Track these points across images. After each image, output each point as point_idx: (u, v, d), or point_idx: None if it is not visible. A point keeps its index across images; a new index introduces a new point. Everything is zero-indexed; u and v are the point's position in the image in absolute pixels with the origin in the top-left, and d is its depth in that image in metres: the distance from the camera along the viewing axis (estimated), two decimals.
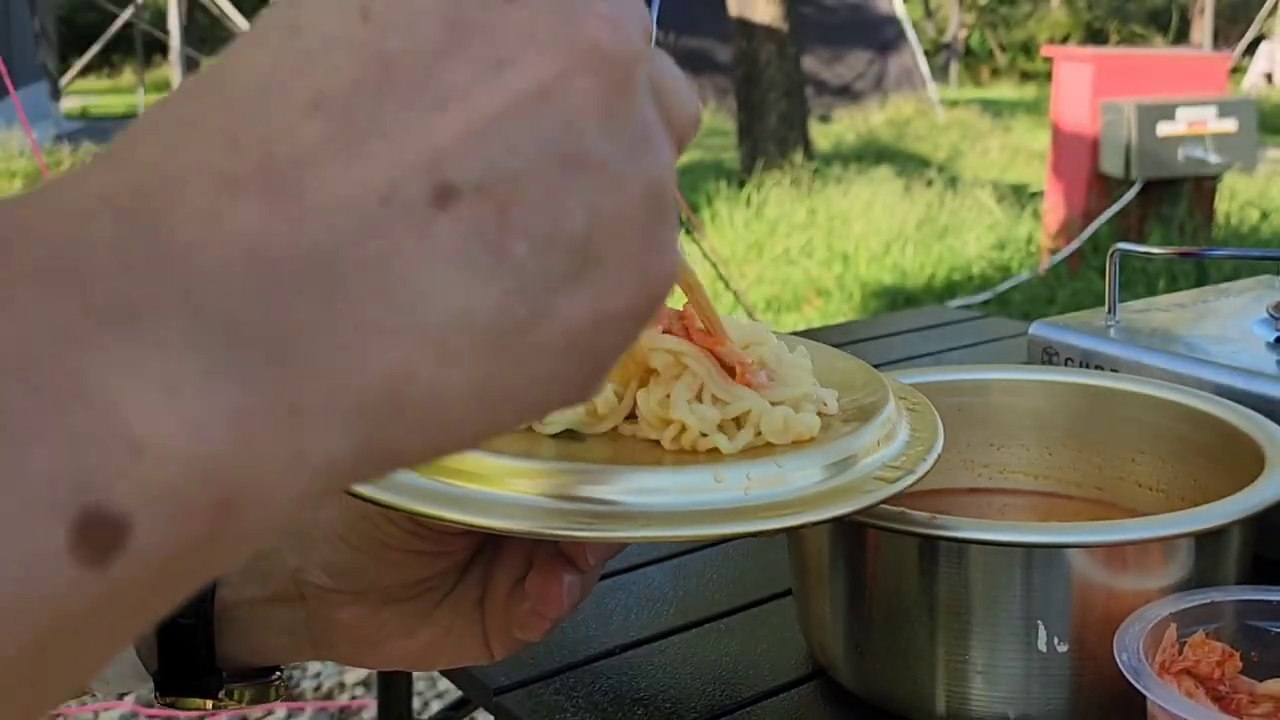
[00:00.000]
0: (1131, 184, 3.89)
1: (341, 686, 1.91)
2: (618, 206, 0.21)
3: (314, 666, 1.90)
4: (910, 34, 9.64)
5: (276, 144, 0.19)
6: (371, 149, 0.19)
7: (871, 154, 7.13)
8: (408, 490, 0.37)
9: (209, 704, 0.44)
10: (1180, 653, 0.47)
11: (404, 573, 0.42)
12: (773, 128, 6.04)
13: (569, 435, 0.41)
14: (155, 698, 0.43)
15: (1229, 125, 3.86)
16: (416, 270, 0.19)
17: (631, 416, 0.42)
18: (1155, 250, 0.84)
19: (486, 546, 0.44)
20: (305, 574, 0.43)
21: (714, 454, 0.40)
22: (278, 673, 0.46)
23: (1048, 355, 0.77)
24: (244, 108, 0.19)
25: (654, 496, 0.37)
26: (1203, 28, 9.76)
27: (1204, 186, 4.09)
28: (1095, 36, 14.31)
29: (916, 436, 0.45)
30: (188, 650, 0.42)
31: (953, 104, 9.61)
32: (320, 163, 0.19)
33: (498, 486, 0.37)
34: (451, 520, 0.37)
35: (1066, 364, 0.75)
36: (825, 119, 9.02)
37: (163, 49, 9.43)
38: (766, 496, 0.38)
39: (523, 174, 0.20)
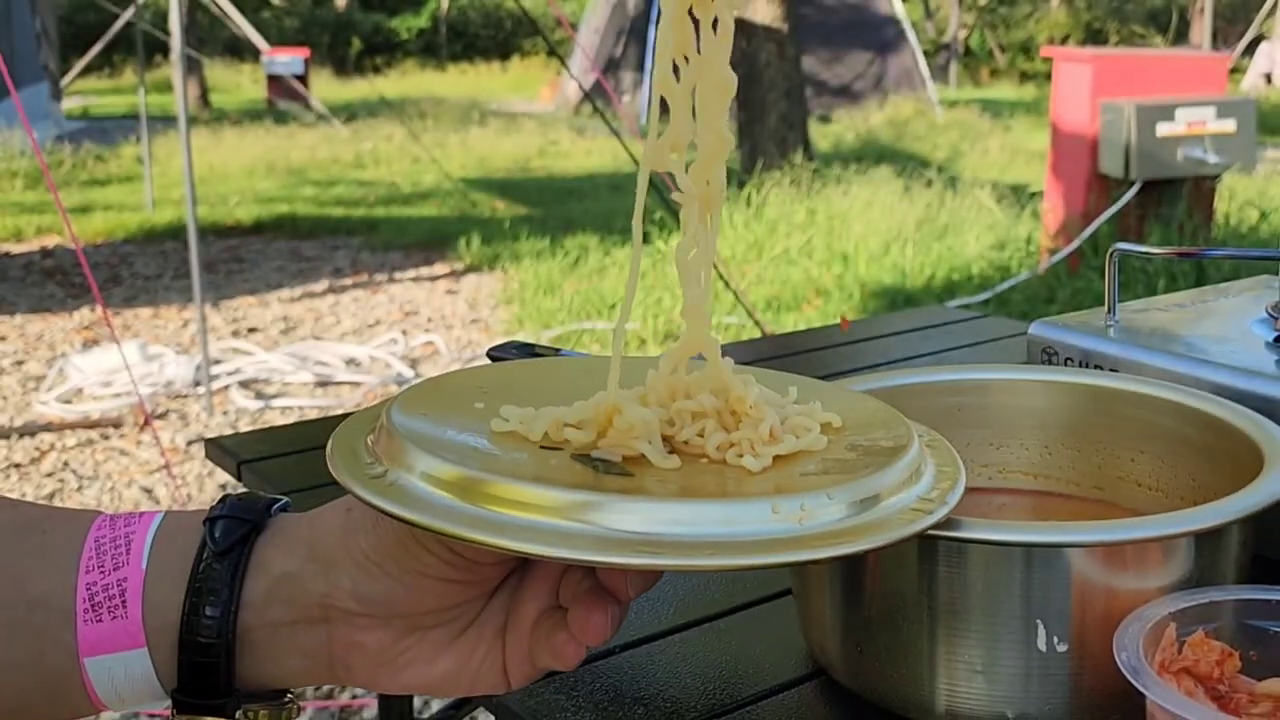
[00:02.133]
0: (1131, 184, 3.89)
1: (342, 686, 1.91)
2: None
3: None
4: (910, 35, 9.64)
5: None
6: None
7: (871, 154, 7.13)
8: (466, 520, 0.38)
9: None
10: (1179, 652, 0.47)
11: (434, 600, 0.43)
12: (772, 128, 6.04)
13: (614, 470, 0.43)
14: (171, 716, 0.44)
15: (1228, 125, 3.86)
16: None
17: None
18: (1154, 250, 0.84)
19: (512, 577, 0.45)
20: (332, 599, 0.43)
21: (741, 473, 0.43)
22: (289, 694, 0.46)
23: (1047, 355, 0.77)
24: None
25: (705, 527, 0.39)
26: (1202, 28, 9.75)
27: (1203, 187, 4.09)
28: (1094, 37, 14.30)
29: (942, 472, 0.47)
30: (207, 670, 0.43)
31: (952, 104, 9.60)
32: None
33: (541, 516, 0.39)
34: (524, 551, 0.38)
35: (1066, 364, 0.76)
36: (825, 119, 9.01)
37: (164, 49, 9.43)
38: (817, 527, 0.40)
39: None
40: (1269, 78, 10.67)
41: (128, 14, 7.66)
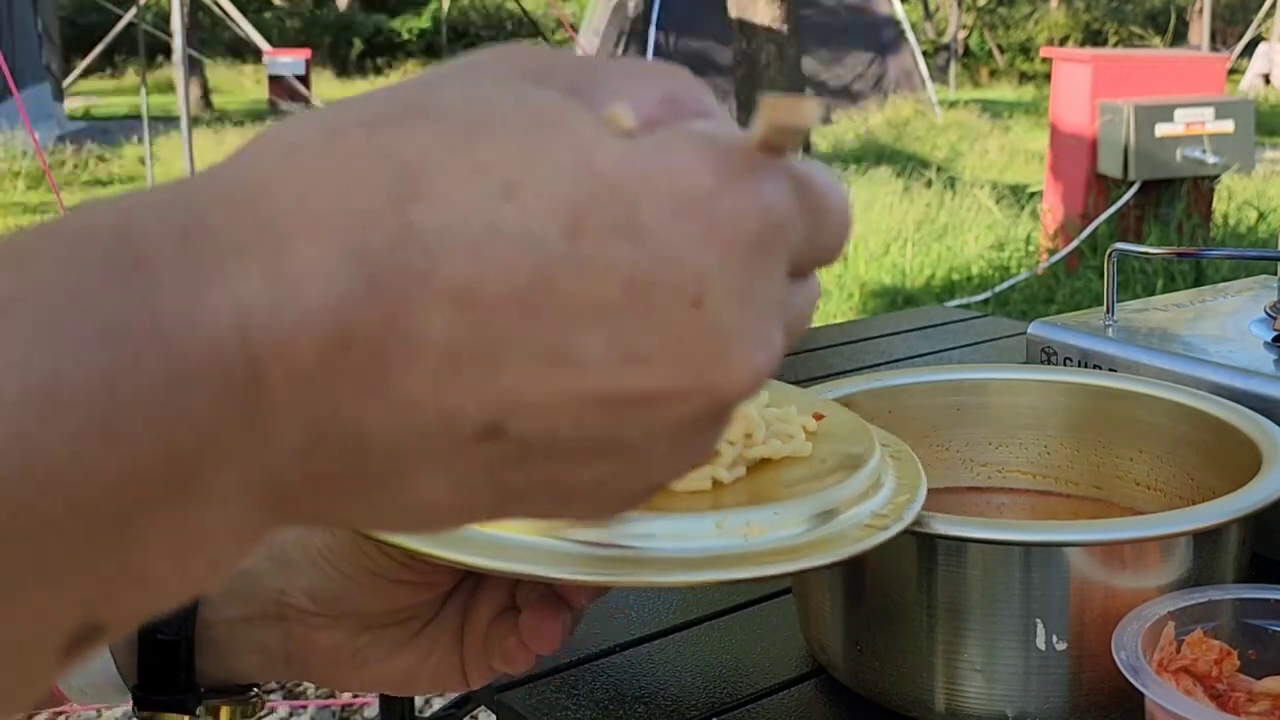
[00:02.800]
0: (1130, 184, 3.89)
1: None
2: (627, 485, 0.22)
3: None
4: (910, 35, 9.65)
5: (410, 321, 0.19)
6: (471, 371, 0.20)
7: (871, 154, 7.13)
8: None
9: (186, 719, 0.44)
10: (1178, 651, 0.47)
11: (388, 601, 0.43)
12: None
13: None
14: (133, 711, 0.44)
15: (1227, 126, 3.87)
16: (423, 472, 0.21)
17: None
18: (1153, 250, 0.85)
19: (469, 579, 0.45)
20: (287, 596, 0.43)
21: (715, 486, 0.43)
22: (254, 689, 0.46)
23: (1046, 355, 0.77)
24: (420, 253, 0.19)
25: (653, 541, 0.39)
26: (1200, 29, 9.77)
27: (1202, 187, 4.10)
28: (1094, 37, 14.33)
29: (902, 485, 0.47)
30: (167, 666, 0.43)
31: (952, 105, 9.62)
32: (426, 356, 0.19)
33: (502, 528, 0.38)
34: (468, 565, 0.37)
35: (1065, 363, 0.76)
36: (825, 120, 9.02)
37: (166, 50, 9.46)
38: (765, 543, 0.40)
39: (570, 446, 0.20)
40: (1267, 78, 10.68)
41: (130, 15, 7.69)
